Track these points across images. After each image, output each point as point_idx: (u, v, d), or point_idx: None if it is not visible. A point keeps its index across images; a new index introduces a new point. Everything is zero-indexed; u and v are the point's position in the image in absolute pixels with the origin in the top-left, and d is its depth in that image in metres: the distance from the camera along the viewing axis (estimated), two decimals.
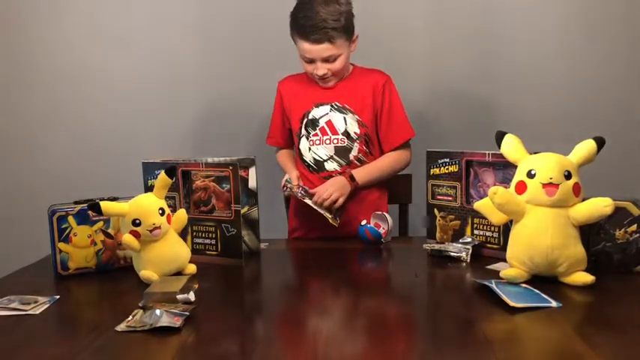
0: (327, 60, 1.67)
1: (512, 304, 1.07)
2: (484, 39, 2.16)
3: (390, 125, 1.76)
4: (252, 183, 1.52)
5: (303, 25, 1.63)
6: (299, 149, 1.79)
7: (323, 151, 1.75)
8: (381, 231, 1.58)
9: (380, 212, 1.62)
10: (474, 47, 2.17)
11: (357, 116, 1.74)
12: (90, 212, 1.33)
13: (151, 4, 2.19)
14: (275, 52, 2.12)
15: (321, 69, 1.68)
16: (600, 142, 1.21)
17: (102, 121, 2.23)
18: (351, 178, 1.69)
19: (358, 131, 1.74)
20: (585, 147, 1.21)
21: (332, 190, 1.65)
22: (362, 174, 1.71)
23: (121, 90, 2.22)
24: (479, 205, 1.30)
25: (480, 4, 2.15)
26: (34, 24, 2.19)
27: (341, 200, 1.65)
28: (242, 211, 1.43)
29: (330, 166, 1.75)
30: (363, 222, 1.59)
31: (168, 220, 1.31)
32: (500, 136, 1.30)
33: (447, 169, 1.51)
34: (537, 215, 1.20)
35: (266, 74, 1.96)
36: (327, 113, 1.75)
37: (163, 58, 2.21)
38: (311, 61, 1.69)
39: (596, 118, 2.14)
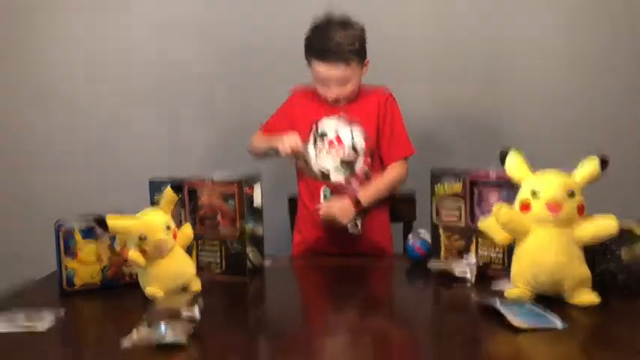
0: (340, 83, 1.70)
1: (517, 324, 1.06)
2: (487, 53, 2.18)
3: (391, 141, 1.79)
4: (257, 200, 1.53)
5: (320, 49, 1.67)
6: None
7: (329, 162, 1.77)
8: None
9: (419, 230, 1.63)
10: (477, 61, 2.19)
11: (363, 130, 1.77)
12: (96, 228, 1.34)
13: (158, 18, 2.21)
14: (281, 68, 2.15)
15: (334, 91, 1.71)
16: (604, 161, 1.21)
17: (110, 137, 2.25)
18: (357, 203, 1.72)
19: (364, 145, 1.76)
20: (589, 166, 1.21)
21: (337, 214, 1.68)
22: (366, 196, 1.74)
23: (128, 107, 2.24)
24: (482, 224, 1.31)
25: (482, 18, 2.17)
26: (39, 42, 2.22)
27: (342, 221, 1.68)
28: (247, 228, 1.43)
29: (336, 176, 1.77)
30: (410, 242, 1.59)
31: (174, 237, 1.32)
32: (503, 155, 1.31)
33: (452, 187, 1.51)
34: (541, 234, 1.20)
35: (271, 92, 1.98)
36: (336, 126, 1.77)
37: (171, 74, 2.23)
38: (324, 83, 1.72)
39: (601, 133, 2.15)
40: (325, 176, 1.77)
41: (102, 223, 1.26)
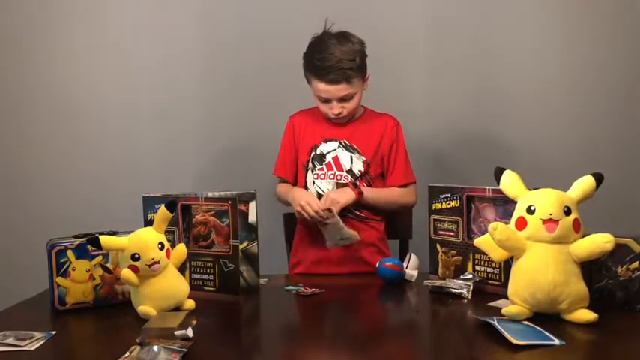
0: (343, 99, 1.69)
1: (514, 341, 1.05)
2: (483, 75, 2.20)
3: (394, 168, 1.79)
4: (252, 217, 1.52)
5: (320, 66, 1.65)
6: (305, 181, 1.80)
7: (326, 186, 1.76)
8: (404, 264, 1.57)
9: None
10: (473, 83, 2.20)
11: (363, 157, 1.76)
12: (89, 246, 1.33)
13: (156, 39, 2.23)
14: (278, 88, 2.16)
15: (337, 108, 1.70)
16: (599, 179, 1.21)
17: (103, 155, 2.25)
18: (354, 186, 1.71)
19: (362, 169, 1.76)
20: (584, 183, 1.22)
21: (333, 196, 1.66)
22: (368, 190, 1.73)
23: (123, 124, 2.24)
24: (479, 241, 1.30)
25: (478, 41, 2.19)
26: (36, 56, 2.23)
27: (337, 206, 1.63)
28: (241, 246, 1.42)
29: None
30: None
31: (168, 255, 1.30)
32: (499, 173, 1.31)
33: (449, 204, 1.51)
34: (538, 251, 1.20)
35: (268, 111, 1.98)
36: (335, 150, 1.77)
37: (167, 93, 2.24)
38: (326, 101, 1.70)
39: (597, 152, 2.16)
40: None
41: (95, 242, 1.25)
